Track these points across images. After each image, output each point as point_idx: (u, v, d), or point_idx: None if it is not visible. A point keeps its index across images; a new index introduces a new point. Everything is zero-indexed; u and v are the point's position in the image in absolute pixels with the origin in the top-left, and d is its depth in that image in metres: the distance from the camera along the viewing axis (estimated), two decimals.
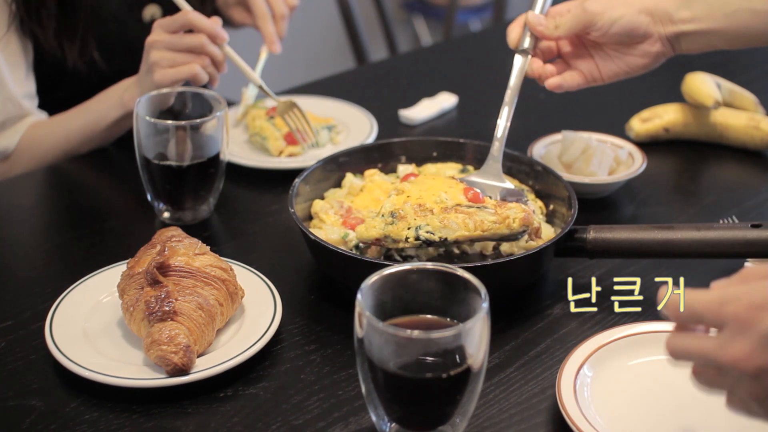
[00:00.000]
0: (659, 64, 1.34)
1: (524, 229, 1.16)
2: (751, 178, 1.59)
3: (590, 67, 1.35)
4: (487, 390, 1.08)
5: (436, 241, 1.15)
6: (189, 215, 1.41)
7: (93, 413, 1.04)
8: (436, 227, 1.14)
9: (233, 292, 1.14)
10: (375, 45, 3.24)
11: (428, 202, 1.16)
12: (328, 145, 1.61)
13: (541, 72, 1.35)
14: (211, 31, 1.45)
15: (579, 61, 1.36)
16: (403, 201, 1.17)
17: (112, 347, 1.12)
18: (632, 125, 1.65)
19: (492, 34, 2.55)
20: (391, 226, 1.15)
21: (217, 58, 1.47)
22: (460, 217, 1.14)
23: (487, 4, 4.04)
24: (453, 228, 1.14)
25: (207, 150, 1.37)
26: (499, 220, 1.15)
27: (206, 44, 1.44)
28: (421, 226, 1.14)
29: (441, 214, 1.15)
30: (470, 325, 0.88)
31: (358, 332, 0.91)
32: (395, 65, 2.23)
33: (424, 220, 1.15)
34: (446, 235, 1.14)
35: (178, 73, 1.44)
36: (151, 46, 1.45)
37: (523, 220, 1.16)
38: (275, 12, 1.73)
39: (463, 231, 1.14)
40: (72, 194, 1.57)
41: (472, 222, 1.14)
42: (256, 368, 1.11)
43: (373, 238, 1.16)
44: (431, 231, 1.14)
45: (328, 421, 1.04)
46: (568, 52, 1.37)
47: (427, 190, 1.19)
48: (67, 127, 1.58)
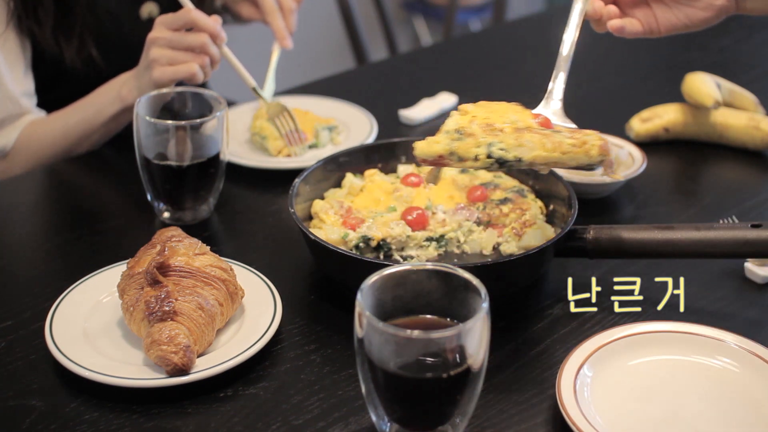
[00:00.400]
0: (720, 20, 1.26)
1: (602, 158, 1.05)
2: (751, 178, 1.59)
3: (648, 16, 1.27)
4: (487, 390, 1.07)
5: (510, 161, 1.03)
6: (189, 215, 1.41)
7: (93, 413, 1.04)
8: (510, 145, 1.02)
9: (233, 292, 1.14)
10: (375, 45, 3.24)
11: (497, 122, 1.05)
12: (329, 146, 1.61)
13: (603, 12, 1.26)
14: (212, 31, 1.45)
15: (636, 10, 1.28)
16: (469, 120, 1.06)
17: (112, 347, 1.12)
18: (632, 125, 1.65)
19: (492, 34, 2.55)
20: (459, 142, 1.04)
21: (215, 58, 1.47)
22: (536, 136, 1.03)
23: (487, 4, 4.04)
24: (529, 146, 1.02)
25: (207, 150, 1.38)
26: (578, 144, 1.04)
27: (208, 44, 1.45)
28: (493, 143, 1.03)
29: (514, 133, 1.03)
30: (470, 325, 0.88)
31: (358, 332, 0.91)
32: (395, 65, 2.23)
33: (494, 138, 1.03)
34: (522, 155, 1.02)
35: (177, 72, 1.45)
36: (153, 42, 1.46)
37: (602, 148, 1.05)
38: (283, 6, 1.73)
39: (539, 151, 1.03)
40: (72, 194, 1.57)
41: (549, 143, 1.03)
42: (256, 368, 1.11)
43: (437, 154, 1.04)
44: (505, 149, 1.03)
45: (328, 421, 1.04)
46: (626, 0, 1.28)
47: (494, 112, 1.08)
48: (65, 124, 1.58)
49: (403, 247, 1.26)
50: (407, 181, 1.36)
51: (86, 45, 1.64)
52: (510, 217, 1.29)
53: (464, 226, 1.28)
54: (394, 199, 1.32)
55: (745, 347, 1.09)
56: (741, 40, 2.13)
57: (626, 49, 2.17)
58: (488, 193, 1.33)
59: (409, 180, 1.36)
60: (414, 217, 1.27)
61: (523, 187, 1.36)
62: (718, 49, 2.10)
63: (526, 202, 1.31)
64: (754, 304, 1.23)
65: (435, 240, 1.27)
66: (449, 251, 1.28)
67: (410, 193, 1.33)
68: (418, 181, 1.36)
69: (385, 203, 1.32)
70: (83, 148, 1.60)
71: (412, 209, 1.29)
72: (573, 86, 1.94)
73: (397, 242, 1.26)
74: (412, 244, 1.26)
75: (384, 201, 1.32)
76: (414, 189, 1.34)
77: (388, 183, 1.36)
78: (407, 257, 1.26)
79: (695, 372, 1.08)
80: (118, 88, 1.52)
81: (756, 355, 1.08)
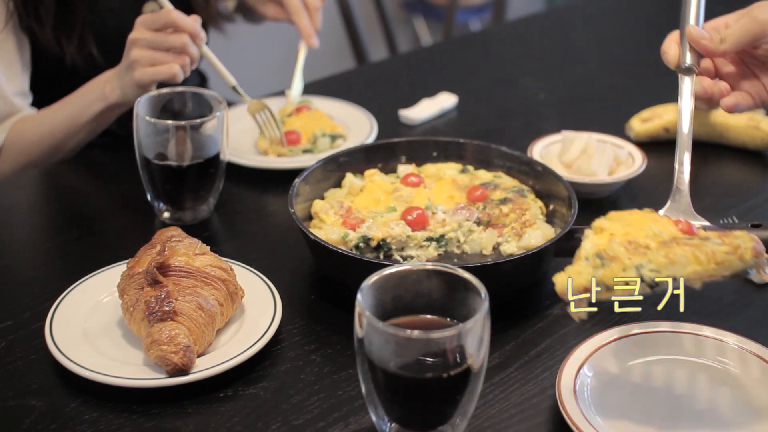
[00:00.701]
0: None
1: (756, 261, 0.97)
2: (751, 178, 1.59)
3: (756, 87, 1.19)
4: (487, 390, 1.08)
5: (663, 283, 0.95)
6: (189, 215, 1.41)
7: (93, 413, 1.04)
8: (661, 264, 0.94)
9: (233, 292, 1.14)
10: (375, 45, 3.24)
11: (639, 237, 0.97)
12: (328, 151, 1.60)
13: (713, 90, 1.18)
14: (192, 31, 1.46)
15: (743, 82, 1.20)
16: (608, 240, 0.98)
17: (112, 347, 1.12)
18: (632, 125, 1.65)
19: (492, 34, 2.55)
20: (603, 269, 0.95)
21: (195, 58, 1.48)
22: (687, 249, 0.95)
23: (487, 4, 4.04)
24: (682, 263, 0.94)
25: (207, 150, 1.38)
26: (731, 250, 0.96)
27: (188, 44, 1.45)
28: (642, 264, 0.94)
29: (661, 249, 0.95)
30: (470, 325, 0.88)
31: (358, 332, 0.91)
32: (395, 65, 2.23)
33: (642, 258, 0.95)
34: (675, 273, 0.95)
35: (158, 73, 1.45)
36: (133, 43, 1.46)
37: (755, 250, 0.97)
38: (308, 5, 1.74)
39: (694, 266, 0.94)
40: (72, 194, 1.57)
41: (702, 254, 0.95)
42: (256, 368, 1.11)
43: (581, 287, 0.96)
44: (656, 269, 0.94)
45: (328, 421, 1.04)
46: (730, 72, 1.21)
47: (631, 224, 1.00)
48: (51, 121, 1.59)
49: (403, 247, 1.26)
50: (407, 181, 1.36)
51: (87, 43, 1.64)
52: (510, 217, 1.29)
53: (464, 226, 1.28)
54: (394, 199, 1.32)
55: (745, 347, 1.09)
56: None
57: (626, 49, 2.17)
58: (488, 193, 1.33)
59: (409, 180, 1.36)
60: (414, 217, 1.27)
61: (523, 187, 1.36)
62: None
63: (526, 202, 1.31)
64: (754, 304, 1.23)
65: (435, 240, 1.27)
66: (449, 251, 1.28)
67: (410, 193, 1.33)
68: (418, 181, 1.36)
69: (385, 203, 1.32)
70: (70, 146, 1.60)
71: (412, 209, 1.29)
72: (573, 86, 1.95)
73: (397, 242, 1.26)
74: (412, 244, 1.26)
75: (384, 201, 1.32)
76: (414, 189, 1.34)
77: (388, 183, 1.36)
78: (407, 257, 1.26)
79: (695, 372, 1.08)
80: (101, 87, 1.53)
81: (756, 355, 1.08)
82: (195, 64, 1.49)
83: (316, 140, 1.59)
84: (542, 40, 2.24)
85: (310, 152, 1.58)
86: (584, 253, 0.98)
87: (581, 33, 2.29)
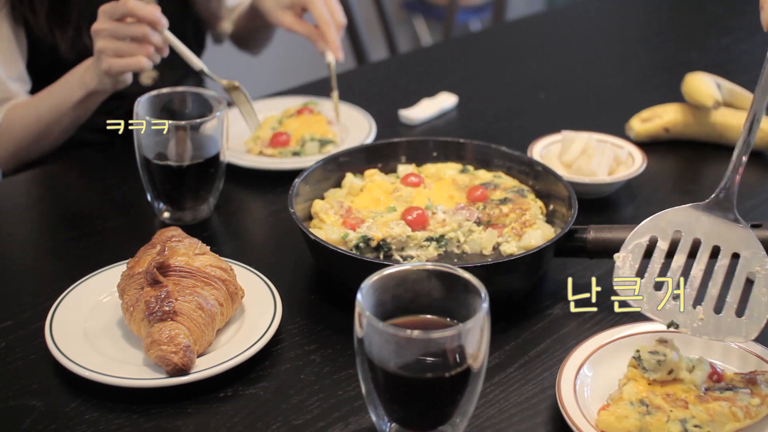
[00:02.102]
0: None
1: None
2: (751, 178, 1.58)
3: None
4: (487, 390, 1.08)
5: None
6: (189, 215, 1.41)
7: (93, 413, 1.04)
8: (703, 420, 0.99)
9: (233, 292, 1.14)
10: (375, 45, 3.24)
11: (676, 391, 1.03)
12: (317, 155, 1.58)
13: None
14: (151, 19, 1.46)
15: None
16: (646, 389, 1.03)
17: (112, 347, 1.12)
18: (632, 125, 1.65)
19: (492, 34, 2.55)
20: (650, 417, 0.99)
21: (159, 45, 1.49)
22: (724, 405, 1.01)
23: (487, 4, 4.05)
24: (721, 421, 0.99)
25: (207, 150, 1.38)
26: (762, 401, 1.02)
27: (149, 34, 1.46)
28: (687, 419, 0.99)
29: (699, 404, 1.01)
30: (470, 325, 0.88)
31: (358, 332, 0.91)
32: (395, 65, 2.23)
33: (683, 413, 1.00)
34: (715, 429, 0.99)
35: (126, 65, 1.47)
36: (97, 33, 1.48)
37: None
38: (336, 21, 1.75)
39: (733, 422, 1.00)
40: (72, 194, 1.57)
41: (739, 411, 1.00)
42: (256, 368, 1.11)
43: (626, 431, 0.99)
44: (699, 425, 0.99)
45: (328, 421, 1.04)
46: None
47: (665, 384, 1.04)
48: (37, 107, 1.61)
49: (403, 247, 1.26)
50: (407, 181, 1.36)
51: (82, 35, 1.65)
52: (510, 217, 1.29)
53: (464, 226, 1.28)
54: (394, 199, 1.32)
55: (745, 347, 1.09)
56: (741, 40, 2.13)
57: (626, 49, 2.17)
58: (488, 193, 1.33)
59: (409, 180, 1.36)
60: (414, 217, 1.28)
61: (523, 187, 1.36)
62: (718, 49, 2.10)
63: (526, 202, 1.31)
64: None
65: (435, 240, 1.27)
66: (449, 251, 1.28)
67: (410, 193, 1.33)
68: (418, 181, 1.36)
69: (385, 203, 1.32)
70: (56, 133, 1.62)
71: (412, 209, 1.29)
72: (573, 86, 1.95)
73: (397, 242, 1.26)
74: (412, 244, 1.26)
75: (384, 201, 1.32)
76: (414, 189, 1.34)
77: (388, 183, 1.36)
78: (407, 257, 1.26)
79: None
80: (81, 74, 1.55)
81: (756, 355, 1.08)
82: (163, 52, 1.51)
83: (304, 144, 1.59)
84: (542, 40, 2.24)
85: (298, 154, 1.58)
86: (626, 396, 1.02)
87: (581, 33, 2.29)
